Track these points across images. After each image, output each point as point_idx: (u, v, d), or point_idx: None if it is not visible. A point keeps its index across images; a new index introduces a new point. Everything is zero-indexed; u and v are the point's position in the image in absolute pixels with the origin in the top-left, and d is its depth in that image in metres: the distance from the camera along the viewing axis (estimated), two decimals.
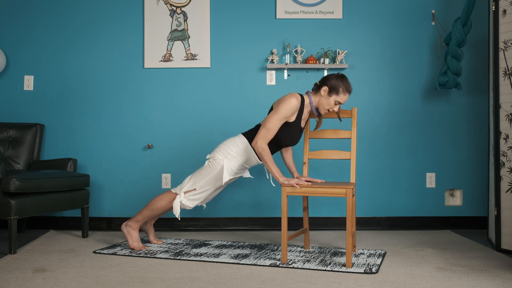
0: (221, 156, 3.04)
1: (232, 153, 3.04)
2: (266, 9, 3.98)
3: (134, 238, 3.18)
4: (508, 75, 3.12)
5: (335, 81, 2.92)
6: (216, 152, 3.08)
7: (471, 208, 3.96)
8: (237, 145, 3.05)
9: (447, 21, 3.94)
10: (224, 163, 3.02)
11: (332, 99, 2.93)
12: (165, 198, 3.13)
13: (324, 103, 2.96)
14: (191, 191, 3.07)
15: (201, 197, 3.10)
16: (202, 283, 2.41)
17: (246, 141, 3.05)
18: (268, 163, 2.88)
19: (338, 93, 2.92)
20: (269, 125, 2.88)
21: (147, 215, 3.18)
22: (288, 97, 2.92)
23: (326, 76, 2.99)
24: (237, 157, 3.04)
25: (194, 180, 3.08)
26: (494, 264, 2.78)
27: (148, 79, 4.00)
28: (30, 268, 2.69)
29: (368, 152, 3.97)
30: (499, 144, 3.17)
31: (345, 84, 2.92)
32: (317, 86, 2.99)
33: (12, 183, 3.03)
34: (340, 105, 2.98)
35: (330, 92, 2.93)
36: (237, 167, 3.07)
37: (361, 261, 2.83)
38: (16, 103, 4.02)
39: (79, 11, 4.02)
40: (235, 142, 3.07)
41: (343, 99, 2.94)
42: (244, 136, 3.08)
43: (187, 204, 3.08)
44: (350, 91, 2.96)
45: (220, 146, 3.09)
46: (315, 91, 3.01)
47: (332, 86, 2.92)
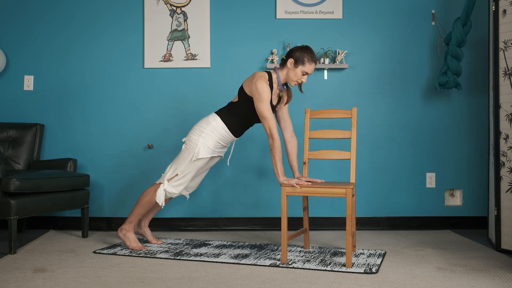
0: (195, 136, 3.09)
1: (205, 131, 3.09)
2: (266, 9, 3.98)
3: (132, 240, 3.19)
4: (508, 75, 3.12)
5: (300, 52, 2.99)
6: (190, 134, 3.14)
7: (471, 208, 3.96)
8: (210, 123, 3.10)
9: (447, 21, 3.94)
10: (200, 142, 3.07)
11: (299, 69, 2.99)
12: (151, 190, 3.17)
13: (292, 75, 3.02)
14: (173, 178, 3.10)
15: (184, 181, 3.13)
16: (202, 283, 2.41)
17: (218, 118, 3.11)
18: (276, 157, 2.92)
19: (304, 63, 2.98)
20: (264, 114, 2.94)
21: (139, 212, 3.20)
22: (258, 82, 2.95)
23: (291, 49, 3.05)
24: (211, 134, 3.09)
25: (175, 166, 3.12)
26: (494, 264, 2.78)
27: (148, 79, 4.00)
28: (30, 268, 2.69)
29: (368, 152, 3.97)
30: (499, 144, 3.17)
31: (310, 54, 2.98)
32: (283, 60, 3.05)
33: (12, 183, 3.03)
34: (308, 75, 3.02)
35: (296, 63, 2.99)
36: (213, 144, 3.11)
37: (361, 261, 2.83)
38: (16, 103, 4.02)
39: (79, 11, 4.02)
40: (208, 120, 3.13)
41: (310, 69, 3.00)
42: (216, 114, 3.14)
43: (172, 191, 3.11)
44: (316, 61, 3.01)
45: (194, 127, 3.15)
46: (282, 65, 3.07)
47: (297, 57, 2.98)
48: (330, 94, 3.97)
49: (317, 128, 3.67)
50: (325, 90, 3.97)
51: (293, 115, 3.54)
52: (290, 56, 3.00)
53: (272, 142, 2.92)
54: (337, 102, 3.94)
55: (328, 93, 3.97)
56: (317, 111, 3.15)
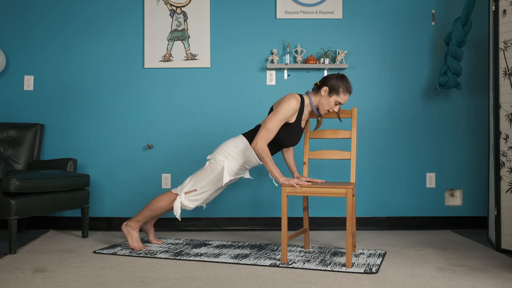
0: (221, 157, 3.04)
1: (232, 153, 3.04)
2: (266, 9, 3.98)
3: (134, 238, 3.18)
4: (508, 75, 3.12)
5: (336, 81, 2.92)
6: (216, 153, 3.08)
7: (471, 208, 3.96)
8: (238, 146, 3.05)
9: (447, 21, 3.94)
10: (225, 164, 3.02)
11: (332, 99, 2.93)
12: (166, 198, 3.13)
13: (324, 103, 2.96)
14: (191, 192, 3.07)
15: (201, 198, 3.10)
16: (202, 283, 2.41)
17: (247, 142, 3.05)
18: (268, 163, 2.89)
19: (338, 94, 2.92)
20: (269, 126, 2.89)
21: (148, 215, 3.18)
22: (288, 98, 2.92)
23: (326, 76, 2.99)
24: (238, 158, 3.04)
25: (194, 180, 3.08)
26: (494, 264, 2.78)
27: (148, 79, 4.00)
28: (30, 268, 2.69)
29: (368, 152, 3.97)
30: (499, 144, 3.17)
31: (345, 84, 2.93)
32: (317, 86, 3.00)
33: (12, 183, 3.03)
34: (340, 105, 2.98)
35: (330, 93, 2.93)
36: (238, 167, 3.07)
37: (361, 261, 2.83)
38: (16, 103, 4.02)
39: (79, 11, 4.02)
40: (236, 142, 3.07)
41: (343, 100, 2.94)
42: (244, 137, 3.09)
43: (188, 205, 3.08)
44: (351, 91, 2.96)
45: (221, 147, 3.09)
46: (315, 91, 3.01)
47: (332, 86, 2.92)
48: None
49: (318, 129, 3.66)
50: None
51: None
52: (325, 84, 2.94)
53: (257, 151, 2.87)
54: None
55: None
56: None
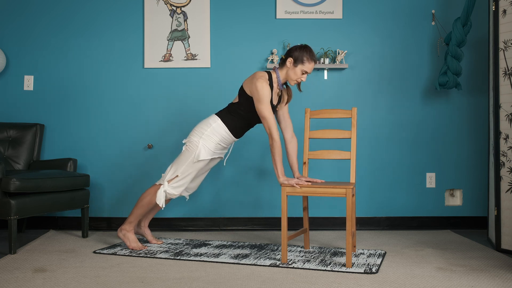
0: (196, 138, 3.10)
1: (206, 132, 3.09)
2: (266, 9, 3.98)
3: (132, 240, 3.19)
4: (508, 75, 3.12)
5: (299, 51, 2.99)
6: (191, 135, 3.14)
7: (471, 208, 3.96)
8: (210, 124, 3.11)
9: (447, 21, 3.94)
10: (200, 143, 3.07)
11: (299, 69, 2.99)
12: (152, 191, 3.17)
13: (292, 74, 3.02)
14: (173, 179, 3.10)
15: (184, 183, 3.13)
16: (202, 283, 2.41)
17: (219, 119, 3.11)
18: (276, 158, 2.93)
19: (303, 62, 2.98)
20: (264, 114, 2.94)
21: (138, 213, 3.20)
22: (258, 81, 2.95)
23: (290, 48, 3.06)
24: (212, 136, 3.09)
25: (175, 167, 3.12)
26: (494, 264, 2.78)
27: (148, 79, 4.00)
28: (30, 268, 2.69)
29: (368, 152, 3.97)
30: (499, 144, 3.17)
31: (309, 53, 2.99)
32: (283, 59, 3.06)
33: (12, 183, 3.03)
34: (307, 74, 3.03)
35: (295, 63, 2.99)
36: (214, 146, 3.11)
37: (361, 261, 2.83)
38: (16, 103, 4.01)
39: (79, 11, 4.02)
40: (208, 122, 3.13)
41: (309, 68, 3.00)
42: (216, 115, 3.14)
43: (172, 192, 3.12)
44: (315, 60, 3.02)
45: (194, 129, 3.15)
46: (281, 65, 3.07)
47: (296, 56, 2.98)
48: (330, 94, 3.97)
49: (317, 128, 3.67)
50: (325, 90, 3.97)
51: (293, 115, 3.54)
52: (289, 56, 3.00)
53: (272, 142, 2.93)
54: (337, 102, 3.94)
55: (328, 93, 3.97)
56: (317, 111, 3.15)
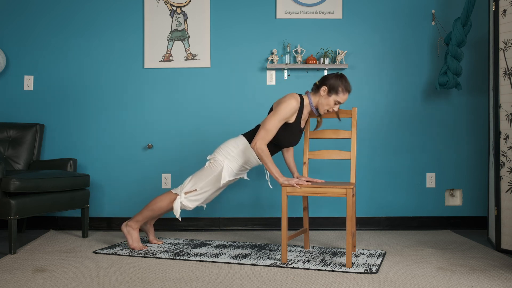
0: (221, 157, 3.05)
1: (232, 154, 3.04)
2: (266, 9, 3.98)
3: (134, 238, 3.18)
4: (508, 75, 3.12)
5: (335, 80, 2.92)
6: (216, 153, 3.08)
7: (471, 208, 3.96)
8: (238, 146, 3.06)
9: (447, 21, 3.94)
10: (225, 164, 3.03)
11: (332, 99, 2.93)
12: (166, 198, 3.13)
13: (324, 103, 2.96)
14: (191, 192, 3.07)
15: (201, 198, 3.10)
16: (202, 283, 2.41)
17: (246, 142, 3.06)
18: (268, 164, 2.89)
19: (337, 93, 2.92)
20: (268, 126, 2.89)
21: (148, 216, 3.18)
22: (287, 98, 2.92)
23: (326, 75, 2.99)
24: (238, 158, 3.05)
25: (194, 181, 3.08)
26: (494, 264, 2.78)
27: (148, 79, 4.00)
28: (30, 268, 2.69)
29: (368, 152, 3.97)
30: (499, 144, 3.17)
31: (344, 84, 2.92)
32: (316, 86, 3.00)
33: (12, 183, 3.03)
34: (340, 104, 2.99)
35: (329, 92, 2.93)
36: (238, 168, 3.07)
37: (361, 261, 2.83)
38: (16, 103, 4.01)
39: (79, 11, 4.02)
40: (236, 143, 3.07)
41: (343, 99, 2.94)
42: (244, 137, 3.09)
43: (188, 205, 3.09)
44: (350, 91, 2.96)
45: (221, 147, 3.09)
46: (314, 91, 3.01)
47: (331, 85, 2.92)
48: None
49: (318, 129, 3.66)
50: None
51: None
52: (324, 84, 2.94)
53: (256, 151, 2.87)
54: None
55: None
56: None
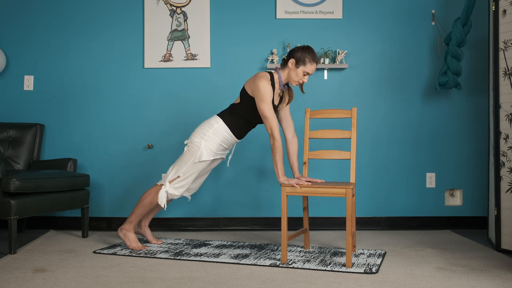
0: (198, 139, 3.09)
1: (208, 133, 3.09)
2: (266, 9, 3.98)
3: (132, 240, 3.19)
4: (508, 75, 3.12)
5: (301, 52, 2.98)
6: (193, 136, 3.14)
7: (471, 208, 3.96)
8: (212, 125, 3.11)
9: (447, 21, 3.94)
10: (202, 144, 3.07)
11: (300, 70, 2.99)
12: (153, 191, 3.17)
13: (293, 75, 3.01)
14: (175, 179, 3.11)
15: (186, 183, 3.13)
16: (202, 283, 2.41)
17: (221, 120, 3.11)
18: (277, 157, 2.93)
19: (305, 64, 2.97)
20: (266, 114, 2.94)
21: (139, 213, 3.20)
22: (260, 81, 2.95)
23: (292, 49, 3.05)
24: (214, 137, 3.09)
25: (177, 167, 3.12)
26: (494, 264, 2.78)
27: (148, 79, 4.00)
28: (30, 268, 2.69)
29: (368, 152, 3.97)
30: (499, 144, 3.17)
31: (311, 54, 2.98)
32: (285, 60, 3.05)
33: (12, 183, 3.03)
34: (309, 75, 3.02)
35: (297, 64, 2.98)
36: (216, 147, 3.11)
37: (361, 261, 2.83)
38: (16, 103, 4.02)
39: (79, 11, 4.02)
40: (210, 123, 3.13)
41: (311, 69, 2.99)
42: (218, 116, 3.14)
43: (174, 193, 3.12)
44: (317, 61, 3.02)
45: (196, 130, 3.15)
46: (283, 66, 3.07)
47: (298, 57, 2.98)
48: (330, 94, 3.97)
49: (317, 128, 3.66)
50: (325, 90, 3.97)
51: (293, 115, 3.54)
52: (291, 56, 3.00)
53: (273, 142, 2.93)
54: (337, 102, 3.94)
55: (328, 93, 3.97)
56: (317, 111, 3.15)
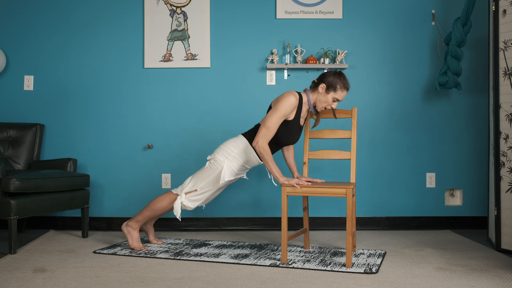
0: (222, 157, 3.05)
1: (232, 154, 3.05)
2: (266, 9, 3.99)
3: (135, 238, 3.18)
4: (508, 75, 3.12)
5: (333, 78, 2.94)
6: (216, 153, 3.08)
7: (471, 208, 3.96)
8: (238, 146, 3.06)
9: (447, 21, 3.94)
10: (225, 164, 3.03)
11: (330, 96, 2.95)
12: (166, 199, 3.13)
13: (322, 100, 2.98)
14: (192, 192, 3.07)
15: (202, 198, 3.10)
16: (202, 283, 2.41)
17: (246, 142, 3.06)
18: (269, 163, 2.89)
19: (336, 90, 2.94)
20: (268, 124, 2.89)
21: (148, 216, 3.18)
22: (286, 95, 2.93)
23: (324, 73, 3.00)
24: (238, 158, 3.05)
25: (195, 181, 3.08)
26: (494, 264, 2.78)
27: (148, 79, 4.00)
28: (30, 268, 2.69)
29: (368, 152, 3.97)
30: (499, 144, 3.17)
31: (342, 81, 2.94)
32: (315, 83, 3.01)
33: (12, 183, 3.03)
34: (338, 102, 3.00)
35: (328, 89, 2.94)
36: (238, 167, 3.07)
37: (361, 261, 2.83)
38: (16, 103, 4.02)
39: (79, 11, 4.02)
40: (236, 142, 3.08)
41: (341, 96, 2.96)
42: (244, 137, 3.09)
43: (188, 205, 3.09)
44: (348, 88, 2.97)
45: (221, 147, 3.10)
46: (313, 88, 3.03)
47: (329, 83, 2.93)
48: None
49: (317, 128, 3.66)
50: None
51: None
52: (322, 81, 2.95)
53: (258, 149, 2.87)
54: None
55: None
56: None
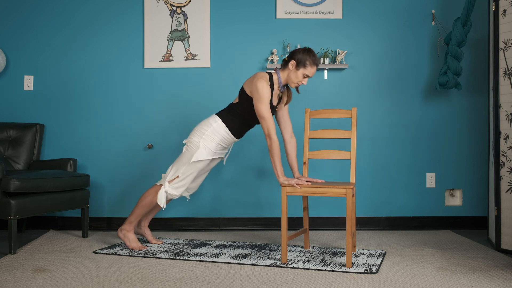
0: (197, 138, 3.10)
1: (207, 132, 3.09)
2: (266, 9, 3.99)
3: (132, 240, 3.19)
4: (508, 75, 3.12)
5: (302, 54, 2.98)
6: (191, 136, 3.14)
7: (471, 208, 3.96)
8: (210, 124, 3.11)
9: (447, 21, 3.94)
10: (201, 144, 3.08)
11: (300, 72, 2.99)
12: (152, 192, 3.17)
13: (293, 77, 3.02)
14: (174, 179, 3.11)
15: (185, 183, 3.13)
16: (202, 283, 2.41)
17: (219, 119, 3.12)
18: (275, 158, 2.93)
19: (305, 66, 2.98)
20: (263, 114, 2.94)
21: (139, 213, 3.20)
22: (258, 82, 2.95)
23: (293, 50, 3.05)
24: (212, 136, 3.10)
25: (176, 167, 3.13)
26: (494, 264, 2.78)
27: (148, 79, 4.00)
28: (30, 268, 2.69)
29: (368, 152, 3.97)
30: (499, 144, 3.17)
31: (312, 57, 2.98)
32: (285, 61, 3.05)
33: (12, 183, 3.03)
34: (308, 78, 3.03)
35: (297, 66, 2.99)
36: (214, 146, 3.12)
37: (361, 261, 2.83)
38: (16, 103, 4.02)
39: (79, 11, 4.02)
40: (208, 122, 3.13)
41: (311, 72, 3.00)
42: (216, 116, 3.15)
43: (173, 193, 3.12)
44: (318, 64, 3.02)
45: (195, 129, 3.16)
46: (283, 67, 3.07)
47: (299, 59, 2.98)
48: (330, 94, 3.97)
49: (317, 128, 3.66)
50: (325, 90, 3.98)
51: (293, 115, 3.54)
52: (292, 58, 3.00)
53: (270, 143, 2.92)
54: (337, 102, 3.95)
55: (328, 93, 3.97)
56: (317, 111, 3.15)
